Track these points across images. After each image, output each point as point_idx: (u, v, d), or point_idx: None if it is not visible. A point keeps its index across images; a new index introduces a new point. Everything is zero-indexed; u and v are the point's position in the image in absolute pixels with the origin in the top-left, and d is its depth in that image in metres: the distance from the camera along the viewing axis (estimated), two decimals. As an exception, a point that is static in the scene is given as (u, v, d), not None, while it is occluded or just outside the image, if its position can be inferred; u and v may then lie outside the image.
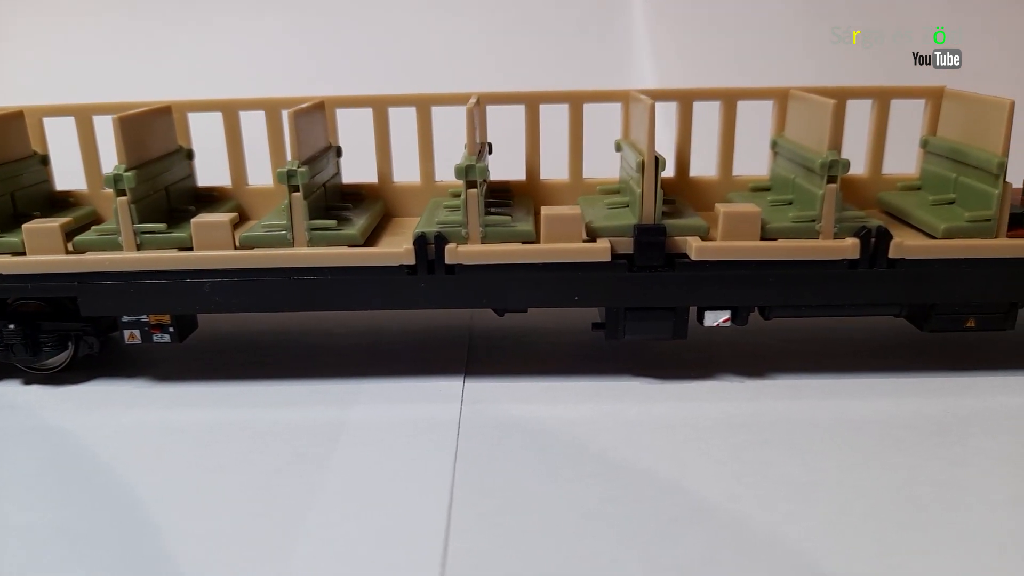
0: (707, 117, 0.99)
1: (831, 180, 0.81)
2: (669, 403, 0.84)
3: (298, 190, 0.82)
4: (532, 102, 0.95)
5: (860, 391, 0.86)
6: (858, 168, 0.99)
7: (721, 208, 0.83)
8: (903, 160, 1.02)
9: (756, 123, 1.04)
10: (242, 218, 0.96)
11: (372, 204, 0.95)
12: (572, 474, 0.72)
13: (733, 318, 0.86)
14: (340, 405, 0.84)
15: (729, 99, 0.95)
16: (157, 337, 0.87)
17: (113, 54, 1.72)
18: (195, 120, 0.98)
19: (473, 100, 0.85)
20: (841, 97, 0.94)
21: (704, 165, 1.01)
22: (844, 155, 0.97)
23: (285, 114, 0.83)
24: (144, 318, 0.86)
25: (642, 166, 0.81)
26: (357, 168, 1.00)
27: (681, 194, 0.97)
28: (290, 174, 0.81)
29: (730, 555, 0.61)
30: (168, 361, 0.95)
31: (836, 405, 0.83)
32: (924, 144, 0.97)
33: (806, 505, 0.67)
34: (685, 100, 0.95)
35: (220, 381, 0.90)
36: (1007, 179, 0.82)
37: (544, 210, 0.82)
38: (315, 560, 0.61)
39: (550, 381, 0.89)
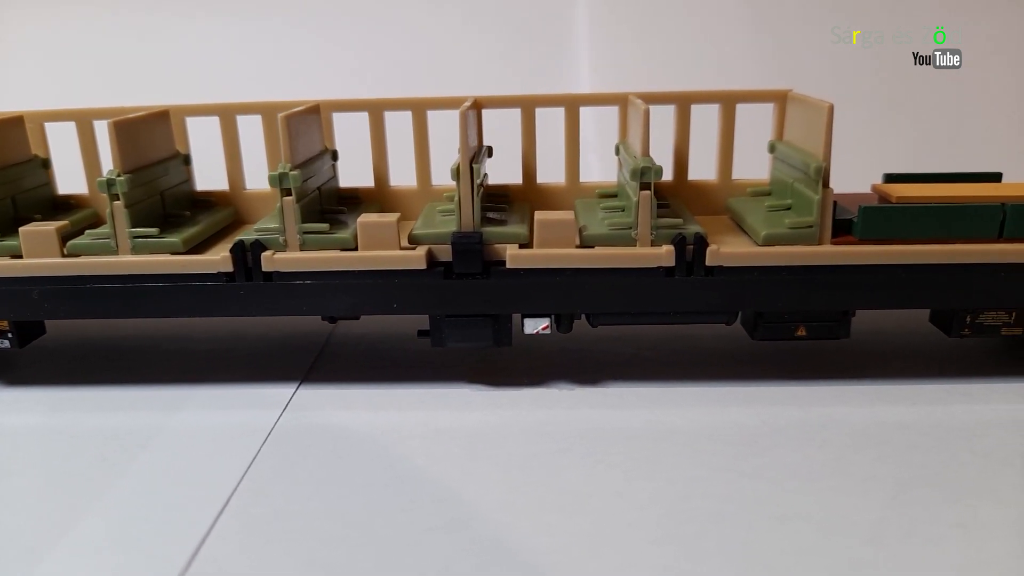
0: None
1: (644, 187, 0.80)
2: (487, 411, 0.83)
3: (119, 199, 0.83)
4: (375, 109, 0.95)
5: (686, 400, 0.85)
6: (710, 173, 0.98)
7: (537, 215, 0.82)
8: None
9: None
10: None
11: (219, 211, 0.96)
12: (359, 482, 0.72)
13: (557, 325, 0.86)
14: (165, 410, 0.85)
15: (572, 104, 0.94)
16: (-3, 342, 0.89)
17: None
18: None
19: (298, 109, 0.86)
20: (685, 102, 0.94)
21: (589, 172, 1.01)
22: (702, 160, 0.97)
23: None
24: (-17, 324, 0.88)
25: (457, 173, 0.81)
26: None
27: (528, 201, 0.96)
28: (110, 183, 0.82)
29: (468, 565, 0.61)
30: (22, 366, 0.97)
31: (653, 414, 0.82)
32: (771, 148, 0.95)
33: (572, 516, 0.66)
34: (527, 106, 0.94)
35: (60, 386, 0.91)
36: (829, 184, 0.80)
37: (361, 218, 0.83)
38: (63, 563, 0.62)
39: (385, 388, 0.89)
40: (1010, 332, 0.85)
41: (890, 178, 0.95)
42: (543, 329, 0.85)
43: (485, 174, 0.94)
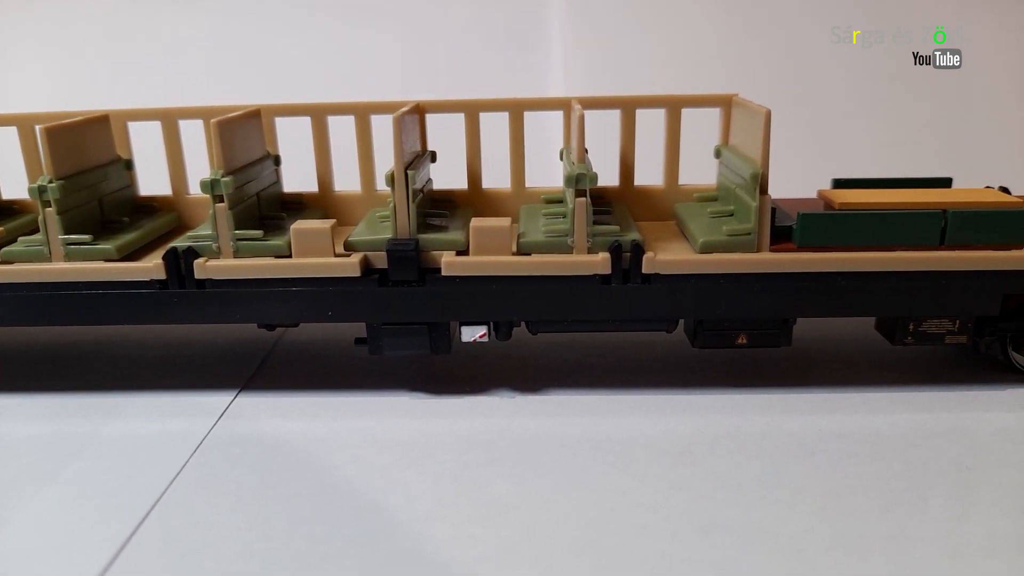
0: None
1: (580, 193, 0.79)
2: (424, 419, 0.82)
3: (51, 205, 0.82)
4: (318, 114, 0.94)
5: (626, 408, 0.84)
6: (658, 178, 0.97)
7: (472, 222, 0.81)
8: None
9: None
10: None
11: (161, 216, 0.95)
12: (284, 492, 0.71)
13: (496, 333, 0.85)
14: (102, 418, 0.84)
15: (515, 109, 0.93)
16: (-68, 350, 0.88)
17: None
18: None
19: (234, 114, 0.85)
20: (630, 106, 0.93)
21: (537, 177, 1.00)
22: (649, 165, 0.96)
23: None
24: (-82, 331, 0.87)
25: (391, 179, 0.80)
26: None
27: (474, 206, 0.96)
28: (41, 189, 0.81)
29: (381, 579, 0.60)
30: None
31: (590, 423, 0.81)
32: (717, 153, 0.94)
33: (495, 528, 0.65)
34: (471, 111, 0.93)
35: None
36: (767, 191, 0.79)
37: (294, 225, 0.82)
38: (-29, 578, 0.62)
39: (324, 396, 0.88)
40: (954, 340, 0.84)
41: (839, 183, 0.94)
42: (480, 337, 0.84)
43: (429, 179, 0.93)
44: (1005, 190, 0.92)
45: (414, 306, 0.82)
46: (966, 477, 0.71)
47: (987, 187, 0.93)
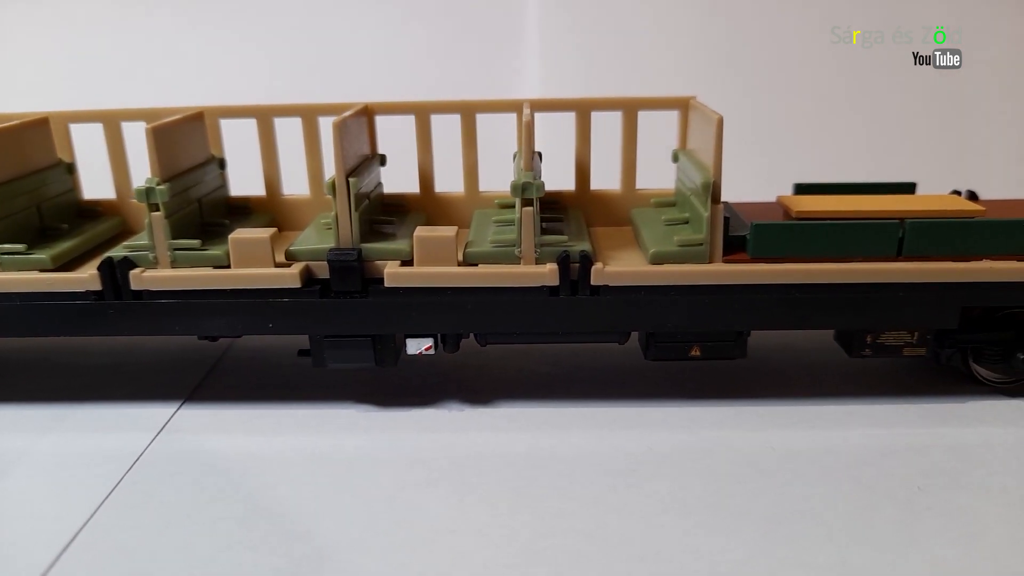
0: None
1: (526, 203, 0.76)
2: (368, 434, 0.80)
3: (-20, 213, 0.80)
4: (264, 116, 0.91)
5: (575, 421, 0.82)
6: (615, 183, 0.94)
7: (416, 232, 0.79)
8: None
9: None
10: None
11: (104, 222, 0.92)
12: (214, 515, 0.69)
13: (443, 345, 0.83)
14: (37, 432, 0.82)
15: (467, 111, 0.90)
16: None
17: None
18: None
19: (172, 118, 0.82)
20: (584, 109, 0.90)
21: (491, 180, 0.97)
22: (613, 168, 0.94)
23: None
24: None
25: (332, 187, 0.78)
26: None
27: (426, 211, 0.93)
28: (-30, 197, 0.79)
29: (301, 614, 0.58)
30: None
31: (536, 438, 0.79)
32: (675, 158, 0.91)
33: (427, 556, 0.63)
34: (421, 113, 0.90)
35: (-63, 405, 0.89)
36: (720, 200, 0.77)
37: (232, 234, 0.79)
38: None
39: (269, 409, 0.86)
40: (913, 352, 0.82)
41: (800, 189, 0.91)
42: (426, 350, 0.81)
43: (379, 184, 0.91)
44: (972, 194, 0.90)
45: (357, 318, 0.79)
46: (915, 500, 0.69)
47: (953, 192, 0.91)
